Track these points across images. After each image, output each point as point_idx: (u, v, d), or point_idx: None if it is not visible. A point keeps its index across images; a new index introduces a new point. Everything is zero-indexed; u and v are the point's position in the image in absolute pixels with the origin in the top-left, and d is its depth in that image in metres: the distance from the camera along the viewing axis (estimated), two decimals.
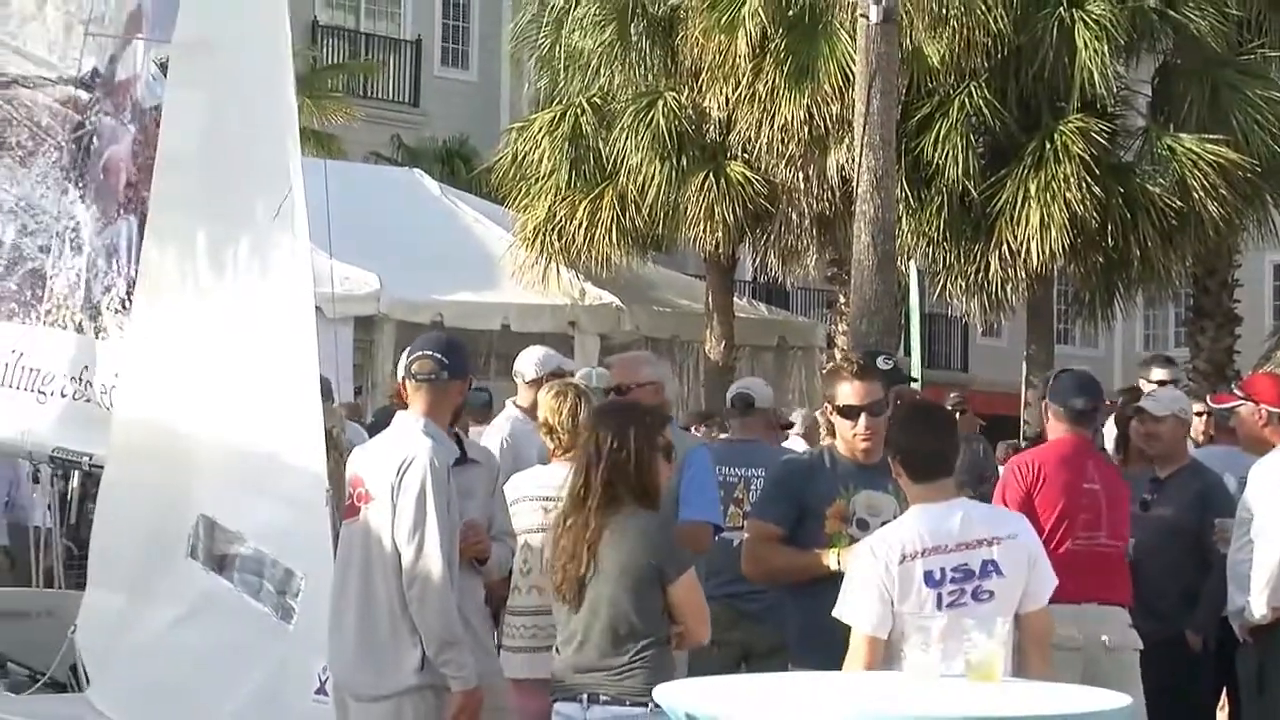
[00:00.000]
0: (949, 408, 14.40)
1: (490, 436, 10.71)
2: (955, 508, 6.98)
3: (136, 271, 9.94)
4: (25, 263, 10.58)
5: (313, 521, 8.13)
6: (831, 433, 8.33)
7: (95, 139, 10.38)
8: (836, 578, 7.54)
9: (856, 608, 6.73)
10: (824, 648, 7.38)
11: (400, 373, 7.96)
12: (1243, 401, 9.43)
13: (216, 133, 9.27)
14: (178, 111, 9.54)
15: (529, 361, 11.13)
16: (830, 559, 7.60)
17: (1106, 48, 21.68)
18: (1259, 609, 8.86)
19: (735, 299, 25.40)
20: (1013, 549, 6.91)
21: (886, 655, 6.60)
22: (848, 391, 7.87)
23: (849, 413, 7.84)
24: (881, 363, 9.30)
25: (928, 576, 6.71)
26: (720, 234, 23.16)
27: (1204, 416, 10.97)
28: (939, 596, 6.70)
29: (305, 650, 8.24)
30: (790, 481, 8.02)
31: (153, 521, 9.10)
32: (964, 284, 23.04)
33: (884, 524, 7.56)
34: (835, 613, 6.85)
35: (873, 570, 6.73)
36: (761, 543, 7.95)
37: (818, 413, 13.66)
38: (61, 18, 10.60)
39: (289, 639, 8.49)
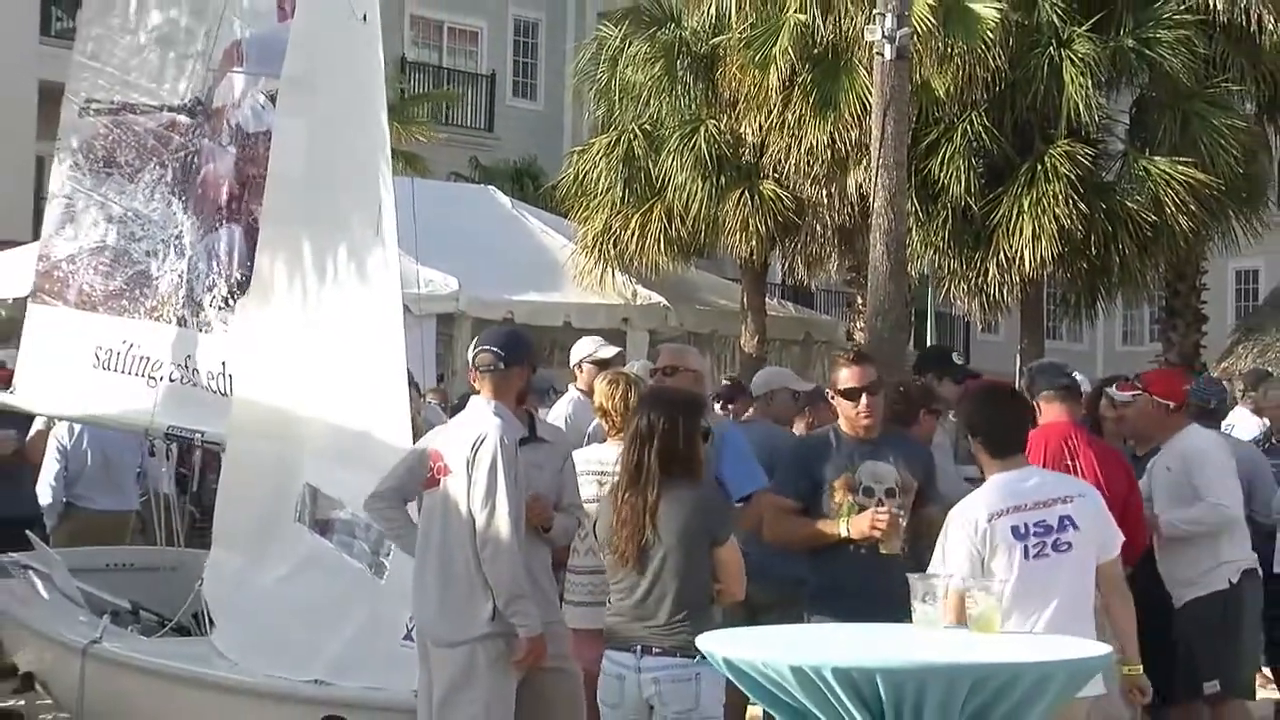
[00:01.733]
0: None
1: (555, 415, 10.71)
2: (1029, 474, 6.98)
3: (239, 273, 9.98)
4: (133, 265, 10.60)
5: None
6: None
7: (196, 158, 10.40)
8: (848, 542, 7.56)
9: (950, 567, 6.68)
10: (836, 603, 7.42)
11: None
12: (1140, 393, 9.39)
13: (318, 155, 9.28)
14: (285, 137, 9.55)
15: (581, 349, 11.15)
16: (840, 527, 7.60)
17: (1090, 82, 21.59)
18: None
19: (767, 299, 25.33)
20: (1085, 505, 6.89)
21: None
22: (847, 376, 7.84)
23: (851, 394, 7.80)
24: (955, 358, 9.32)
25: (1014, 531, 6.70)
26: (754, 243, 23.11)
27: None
28: (1025, 549, 6.69)
29: (394, 602, 8.25)
30: (804, 460, 8.00)
31: (267, 490, 9.13)
32: (966, 287, 22.95)
33: (887, 490, 7.56)
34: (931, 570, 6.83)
35: (964, 533, 6.70)
36: (778, 514, 7.94)
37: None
38: (161, 52, 10.62)
39: (381, 592, 8.52)
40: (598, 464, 8.46)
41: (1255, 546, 9.56)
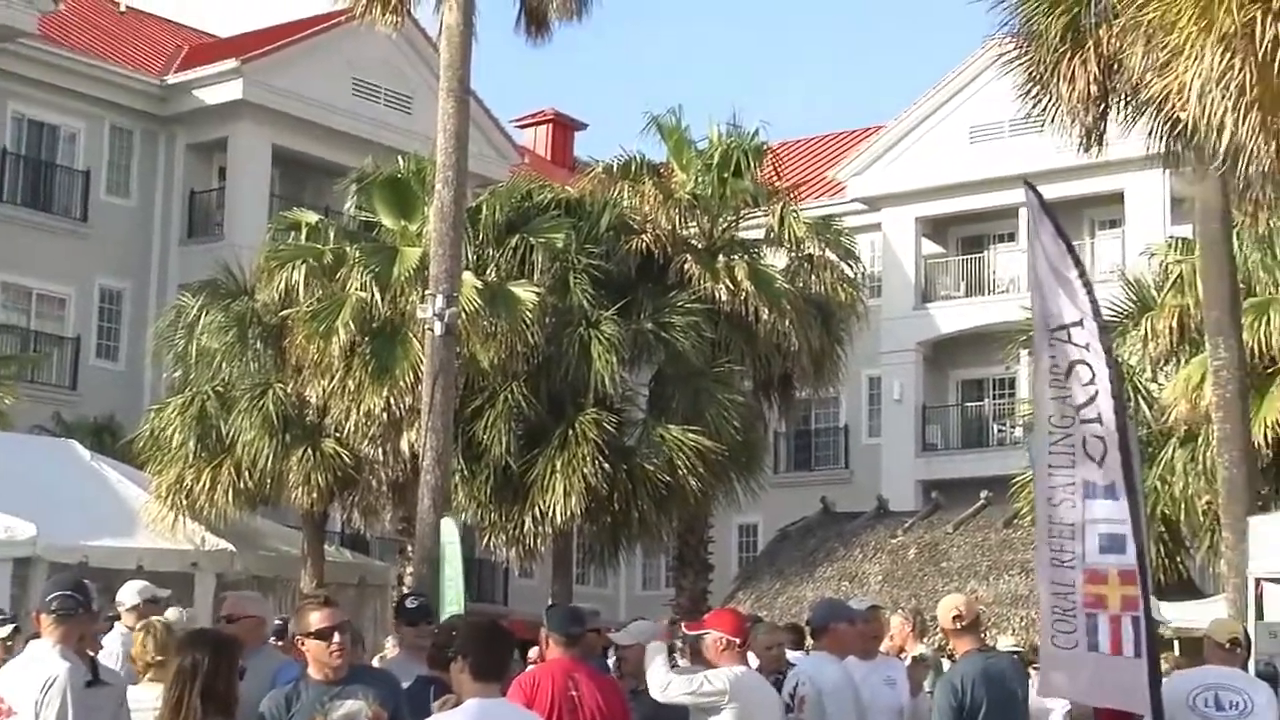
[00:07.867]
0: None
1: (107, 648, 10.36)
2: (500, 703, 6.91)
3: None
4: None
5: None
6: None
7: None
8: None
9: None
10: None
11: (39, 608, 7.54)
12: (708, 631, 9.56)
13: None
14: None
15: (130, 591, 10.88)
16: None
17: (615, 359, 22.20)
18: None
19: (326, 546, 24.97)
20: None
21: None
22: (319, 618, 7.44)
23: (325, 634, 7.45)
24: (410, 602, 9.20)
25: None
26: (315, 495, 22.88)
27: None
28: None
29: None
30: (276, 714, 7.46)
31: None
32: (505, 537, 23.09)
33: None
34: None
35: None
36: None
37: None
38: None
39: None
40: (134, 702, 8.12)
41: None
